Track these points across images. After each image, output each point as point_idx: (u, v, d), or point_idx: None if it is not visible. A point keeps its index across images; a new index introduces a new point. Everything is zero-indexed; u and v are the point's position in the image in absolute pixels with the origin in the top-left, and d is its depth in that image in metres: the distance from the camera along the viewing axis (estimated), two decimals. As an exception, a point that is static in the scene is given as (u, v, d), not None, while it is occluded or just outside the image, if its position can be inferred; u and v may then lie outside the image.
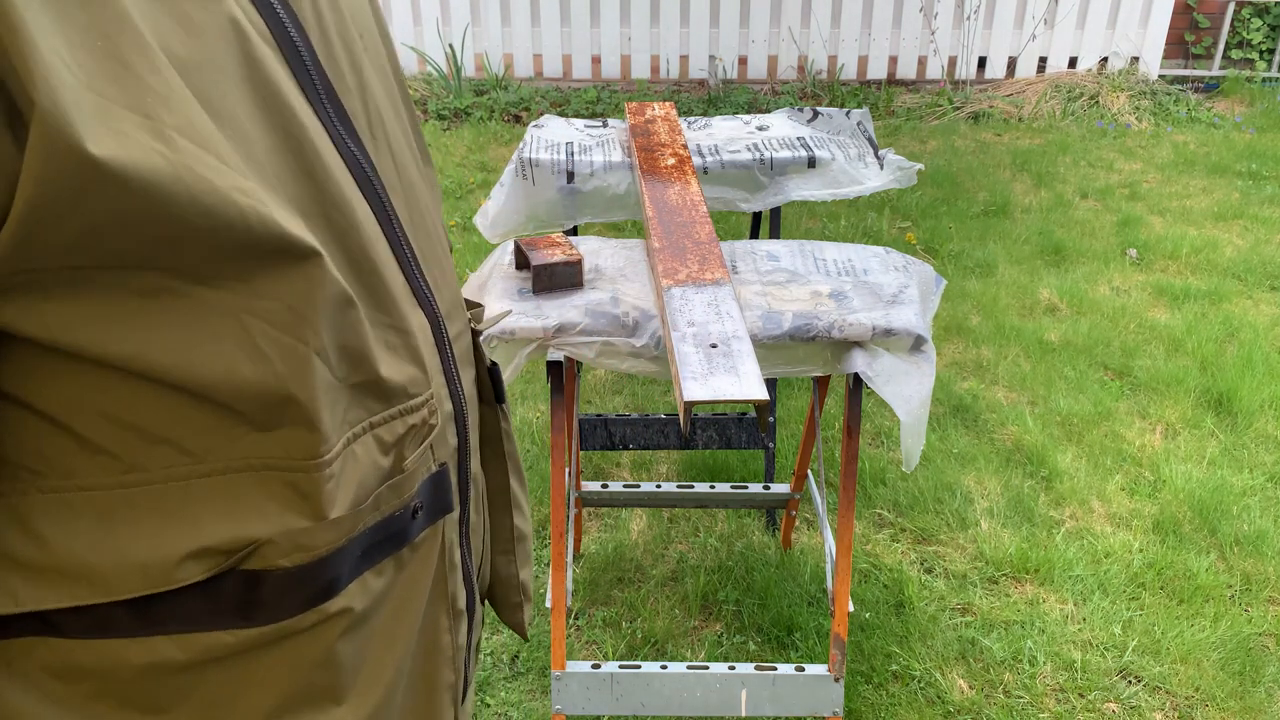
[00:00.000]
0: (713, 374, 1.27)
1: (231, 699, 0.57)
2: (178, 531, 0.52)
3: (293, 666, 0.58)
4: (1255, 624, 2.16)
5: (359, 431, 0.58)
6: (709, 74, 5.89)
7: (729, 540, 2.42)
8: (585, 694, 1.72)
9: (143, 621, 0.53)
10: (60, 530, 0.51)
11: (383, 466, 0.60)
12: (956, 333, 3.34)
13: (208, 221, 0.47)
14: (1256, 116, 5.50)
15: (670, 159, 1.89)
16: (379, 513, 0.60)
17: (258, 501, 0.54)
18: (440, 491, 0.65)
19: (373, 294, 0.58)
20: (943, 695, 1.98)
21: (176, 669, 0.55)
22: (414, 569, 0.64)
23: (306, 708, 0.59)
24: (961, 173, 4.72)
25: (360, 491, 0.58)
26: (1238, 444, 2.77)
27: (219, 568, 0.53)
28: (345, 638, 0.59)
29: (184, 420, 0.51)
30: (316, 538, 0.56)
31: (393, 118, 0.65)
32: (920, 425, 1.55)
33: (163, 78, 0.47)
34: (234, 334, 0.50)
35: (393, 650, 0.63)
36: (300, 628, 0.57)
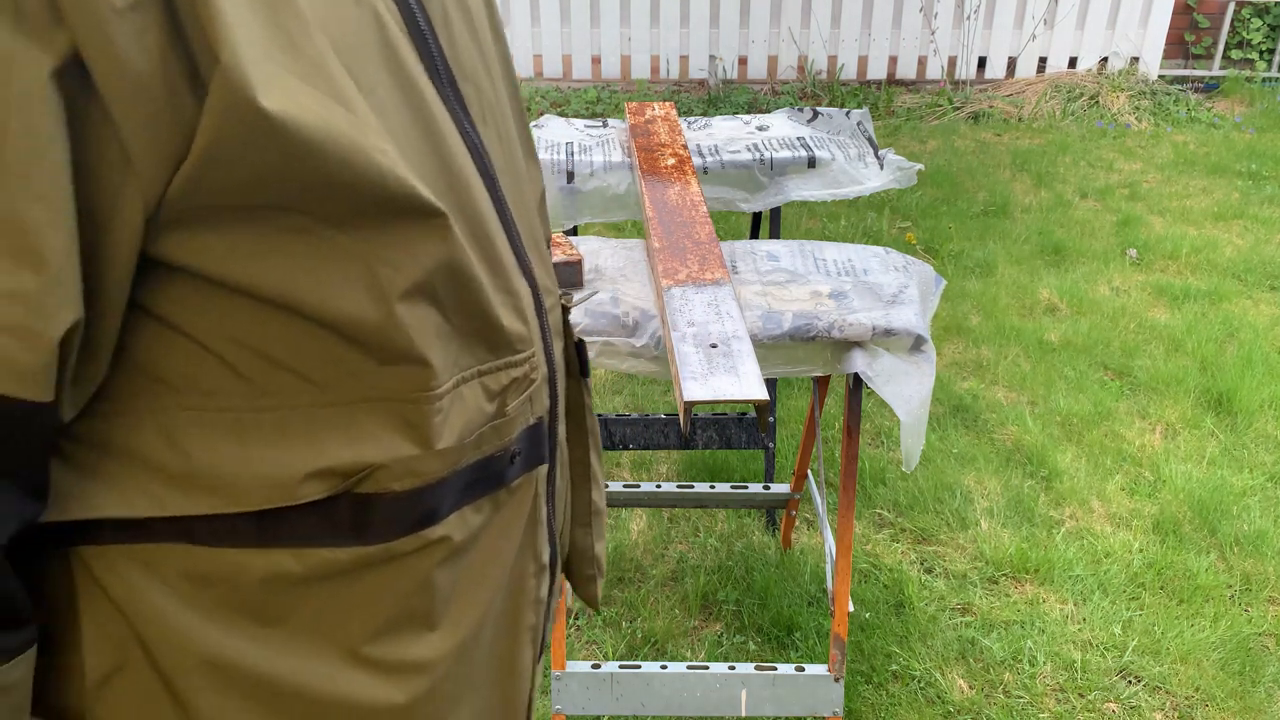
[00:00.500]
0: (713, 374, 1.27)
1: (338, 616, 0.62)
2: (302, 452, 0.58)
3: (394, 589, 0.63)
4: (1255, 624, 2.16)
5: (468, 376, 0.64)
6: (709, 74, 5.89)
7: (729, 540, 2.42)
8: (585, 694, 1.72)
9: (266, 534, 0.58)
10: (201, 445, 0.56)
11: (487, 411, 0.65)
12: (956, 333, 3.34)
13: (351, 176, 0.53)
14: (1256, 116, 5.50)
15: (670, 159, 1.89)
16: (480, 451, 0.65)
17: (374, 429, 0.59)
18: (536, 442, 0.71)
19: (488, 258, 0.64)
20: (943, 695, 1.98)
21: (293, 582, 0.60)
22: (509, 512, 0.69)
23: (404, 629, 0.64)
24: (961, 173, 4.72)
25: (465, 430, 0.63)
26: (1238, 444, 2.77)
27: (337, 488, 0.59)
28: (443, 566, 0.64)
29: (312, 352, 0.57)
30: (424, 465, 0.61)
31: (503, 111, 0.70)
32: (920, 425, 1.55)
33: (318, 50, 0.52)
34: (363, 277, 0.56)
35: (484, 585, 0.68)
36: (403, 551, 0.62)
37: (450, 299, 0.60)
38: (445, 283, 0.60)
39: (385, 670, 0.64)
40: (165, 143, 0.49)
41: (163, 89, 0.48)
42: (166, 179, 0.50)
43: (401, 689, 0.64)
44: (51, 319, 0.48)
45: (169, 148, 0.49)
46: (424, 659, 0.65)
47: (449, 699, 0.68)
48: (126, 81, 0.47)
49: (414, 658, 0.65)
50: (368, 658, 0.63)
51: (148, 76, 0.47)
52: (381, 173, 0.54)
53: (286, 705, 0.61)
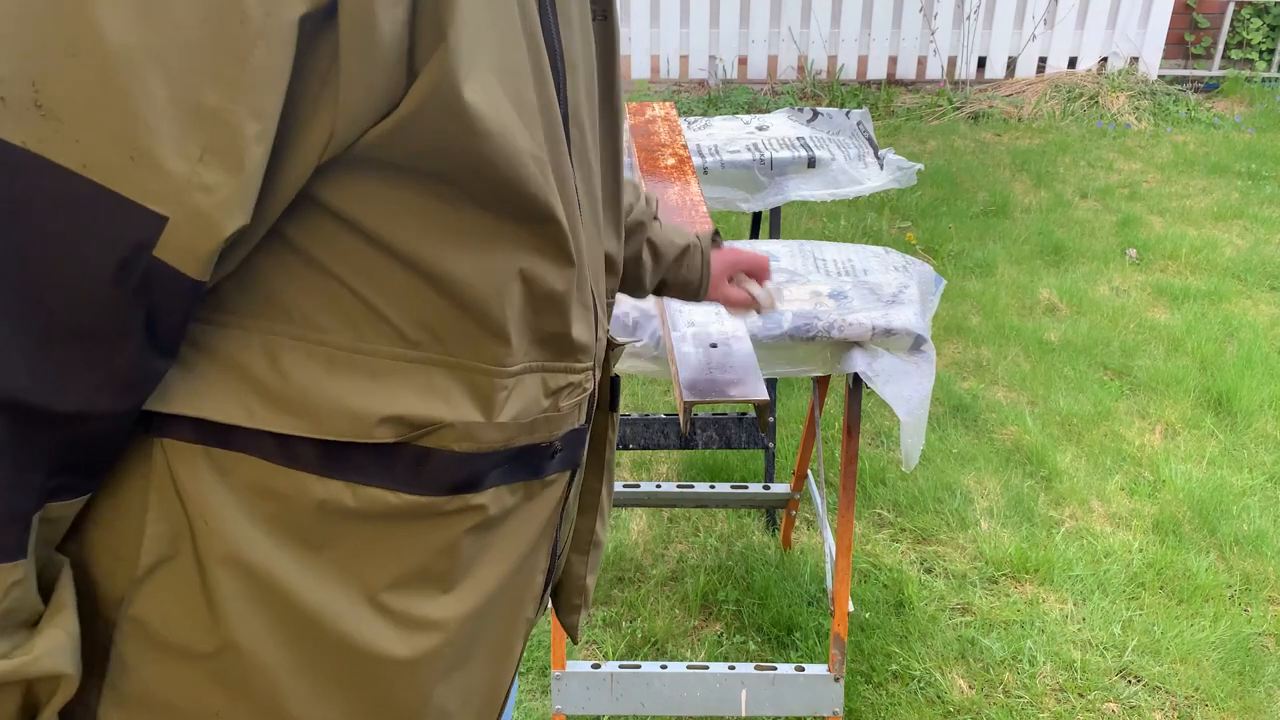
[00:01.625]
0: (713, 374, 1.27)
1: (370, 555, 0.67)
2: (383, 397, 0.63)
3: (425, 543, 0.68)
4: (1255, 624, 2.16)
5: (533, 368, 0.70)
6: (709, 74, 5.89)
7: (729, 540, 2.42)
8: (585, 694, 1.72)
9: (334, 464, 0.64)
10: (299, 371, 0.62)
11: (542, 404, 0.71)
12: (956, 333, 3.34)
13: (505, 172, 0.60)
14: (1256, 116, 5.50)
15: (670, 159, 1.89)
16: (531, 436, 0.71)
17: (448, 391, 0.65)
18: (575, 446, 0.76)
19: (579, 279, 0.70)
20: (942, 695, 1.98)
21: (344, 514, 0.65)
22: (538, 505, 0.74)
23: (422, 586, 0.69)
24: (961, 173, 4.72)
25: (522, 413, 0.69)
26: (1237, 444, 2.77)
27: (404, 436, 0.64)
28: (471, 534, 0.69)
29: (417, 311, 0.63)
30: (482, 433, 0.67)
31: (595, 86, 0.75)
32: (920, 425, 1.55)
33: (519, 57, 0.60)
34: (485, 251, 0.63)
35: (502, 565, 0.73)
36: (445, 509, 0.67)
37: (540, 295, 0.67)
38: (542, 279, 0.66)
39: (396, 621, 0.67)
40: (371, 101, 0.55)
41: (391, 55, 0.54)
42: (359, 132, 0.56)
43: (406, 643, 0.68)
44: (231, 216, 0.53)
45: (372, 106, 0.55)
46: (433, 619, 0.69)
47: (447, 667, 0.71)
48: (368, 42, 0.53)
49: (424, 615, 0.69)
50: (384, 604, 0.67)
51: (386, 41, 0.54)
52: (527, 178, 0.62)
53: (302, 630, 0.65)
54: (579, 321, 0.72)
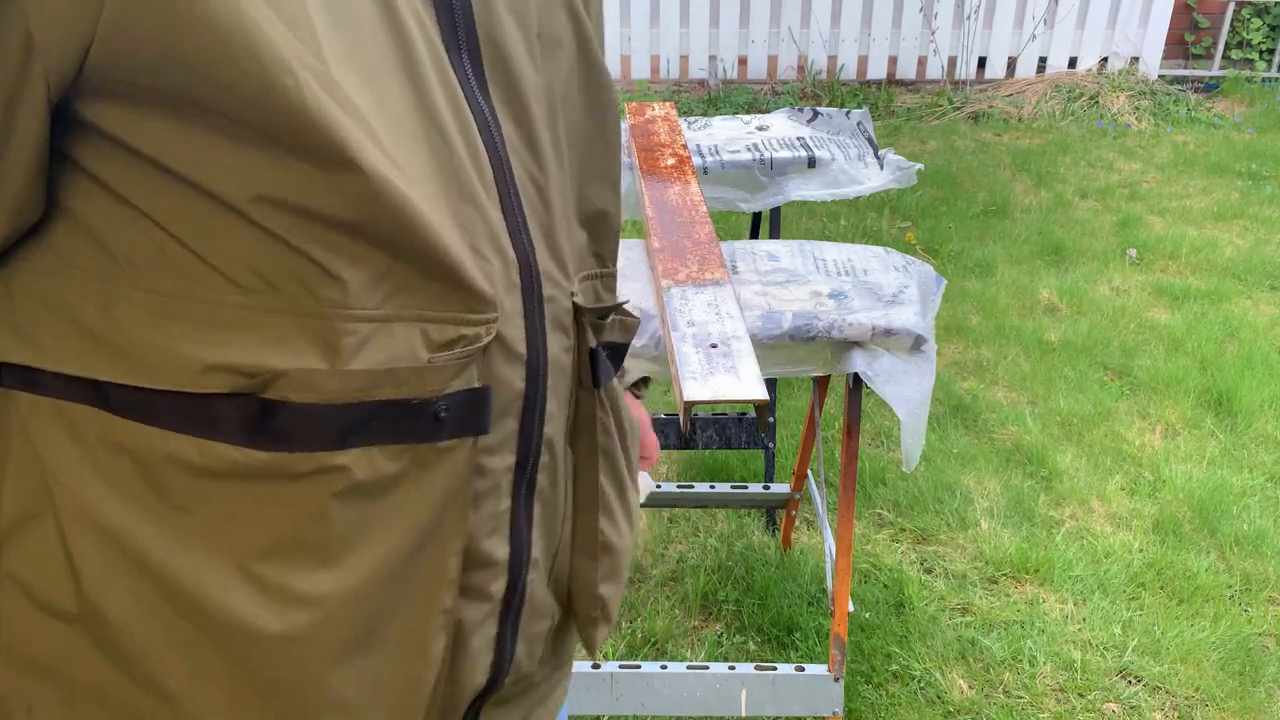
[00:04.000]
0: (713, 374, 1.27)
1: (236, 519, 0.63)
2: (212, 345, 0.60)
3: (290, 508, 0.63)
4: (1255, 624, 2.16)
5: (406, 316, 0.64)
6: (709, 74, 5.89)
7: (729, 540, 2.42)
8: (585, 694, 1.72)
9: (173, 417, 0.61)
10: (129, 317, 0.59)
11: (420, 357, 0.65)
12: (956, 333, 3.34)
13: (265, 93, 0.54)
14: (1256, 116, 5.50)
15: (670, 159, 1.89)
16: (397, 391, 0.64)
17: (286, 338, 0.61)
18: (475, 410, 0.68)
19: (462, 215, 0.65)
20: (943, 695, 1.98)
21: (193, 471, 0.62)
22: (435, 475, 0.67)
23: (296, 556, 0.64)
24: (961, 173, 4.72)
25: (384, 363, 0.63)
26: (1238, 444, 2.77)
27: (239, 387, 0.61)
28: (342, 501, 0.64)
29: (238, 255, 0.59)
30: (325, 382, 0.62)
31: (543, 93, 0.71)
32: (920, 425, 1.55)
33: None
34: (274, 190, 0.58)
35: (391, 542, 0.66)
36: (299, 469, 0.63)
37: (389, 235, 0.61)
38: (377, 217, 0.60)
39: (269, 594, 0.64)
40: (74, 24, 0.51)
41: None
42: (78, 60, 0.52)
43: (279, 618, 0.64)
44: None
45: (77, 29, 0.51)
46: (310, 594, 0.65)
47: (337, 650, 0.66)
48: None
49: (299, 589, 0.64)
50: (256, 575, 0.64)
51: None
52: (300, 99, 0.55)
53: (169, 599, 0.63)
54: (473, 266, 0.65)
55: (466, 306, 0.65)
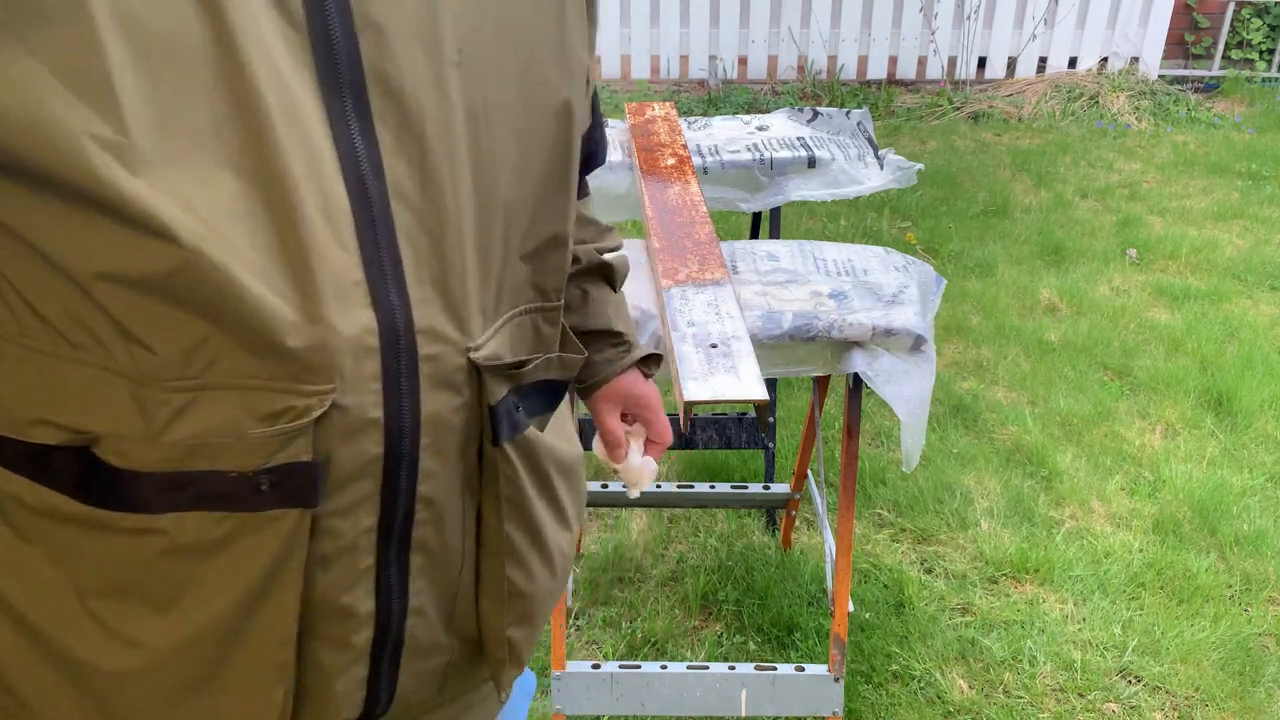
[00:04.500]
0: (713, 374, 1.27)
1: (75, 557, 0.65)
2: (40, 398, 0.61)
3: (120, 559, 0.65)
4: (1255, 624, 2.16)
5: (229, 385, 0.62)
6: (709, 74, 5.89)
7: (729, 540, 2.42)
8: (585, 694, 1.72)
9: (9, 458, 0.63)
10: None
11: (242, 427, 0.63)
12: (956, 333, 3.34)
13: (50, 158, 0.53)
14: (1256, 116, 5.50)
15: (670, 159, 1.89)
16: (214, 463, 0.63)
17: (107, 400, 0.61)
18: (302, 483, 0.65)
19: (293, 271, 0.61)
20: (943, 695, 1.98)
21: (31, 510, 0.64)
22: (263, 541, 0.65)
23: (130, 600, 0.66)
24: (961, 173, 4.72)
25: (202, 434, 0.62)
26: (1238, 444, 2.77)
27: (64, 441, 0.62)
28: (169, 558, 0.65)
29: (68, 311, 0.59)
30: (137, 451, 0.62)
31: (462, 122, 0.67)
32: (920, 425, 1.55)
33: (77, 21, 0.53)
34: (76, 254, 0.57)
35: (221, 600, 0.67)
36: (121, 526, 0.64)
37: (204, 305, 0.59)
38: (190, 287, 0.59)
39: (105, 631, 0.66)
40: None
41: None
42: None
43: (114, 658, 0.66)
44: None
45: None
46: (140, 639, 0.66)
47: (166, 692, 0.68)
48: None
49: (130, 633, 0.66)
50: (93, 611, 0.66)
51: None
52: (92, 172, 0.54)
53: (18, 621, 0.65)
54: (296, 333, 0.61)
55: (294, 377, 0.62)
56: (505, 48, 0.69)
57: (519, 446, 0.77)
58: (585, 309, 1.01)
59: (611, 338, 1.02)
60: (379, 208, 0.63)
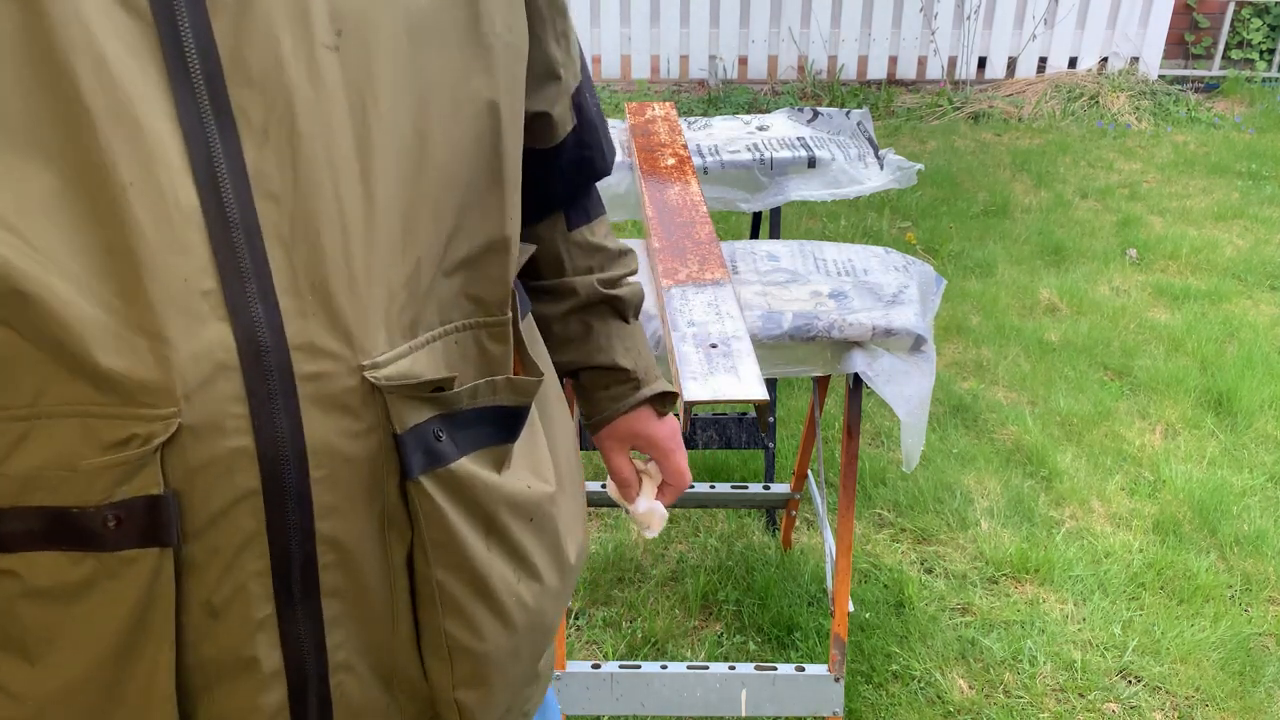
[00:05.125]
0: (713, 374, 1.27)
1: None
2: None
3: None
4: (1255, 624, 2.16)
5: (65, 412, 0.57)
6: (709, 74, 5.89)
7: (729, 540, 2.42)
8: (585, 694, 1.72)
9: None
10: None
11: (87, 460, 0.58)
12: (956, 333, 3.34)
13: None
14: (1256, 116, 5.50)
15: (670, 159, 1.89)
16: (53, 497, 0.59)
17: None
18: (154, 519, 0.60)
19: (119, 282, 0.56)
20: (943, 695, 1.98)
21: None
22: (124, 584, 0.61)
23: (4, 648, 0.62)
24: (961, 173, 4.72)
25: (42, 466, 0.58)
26: (1238, 444, 2.77)
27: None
28: (30, 602, 0.61)
29: None
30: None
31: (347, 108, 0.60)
32: (920, 425, 1.55)
33: None
34: None
35: (89, 649, 0.62)
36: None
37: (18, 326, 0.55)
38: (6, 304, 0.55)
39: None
40: None
41: None
42: None
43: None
44: None
45: None
46: (16, 691, 0.63)
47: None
48: None
49: (7, 684, 0.63)
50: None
51: None
52: None
53: None
54: (122, 352, 0.56)
55: (129, 400, 0.57)
56: (395, 31, 0.62)
57: (444, 482, 0.68)
58: (587, 343, 0.95)
59: (618, 374, 0.95)
60: (239, 208, 0.57)
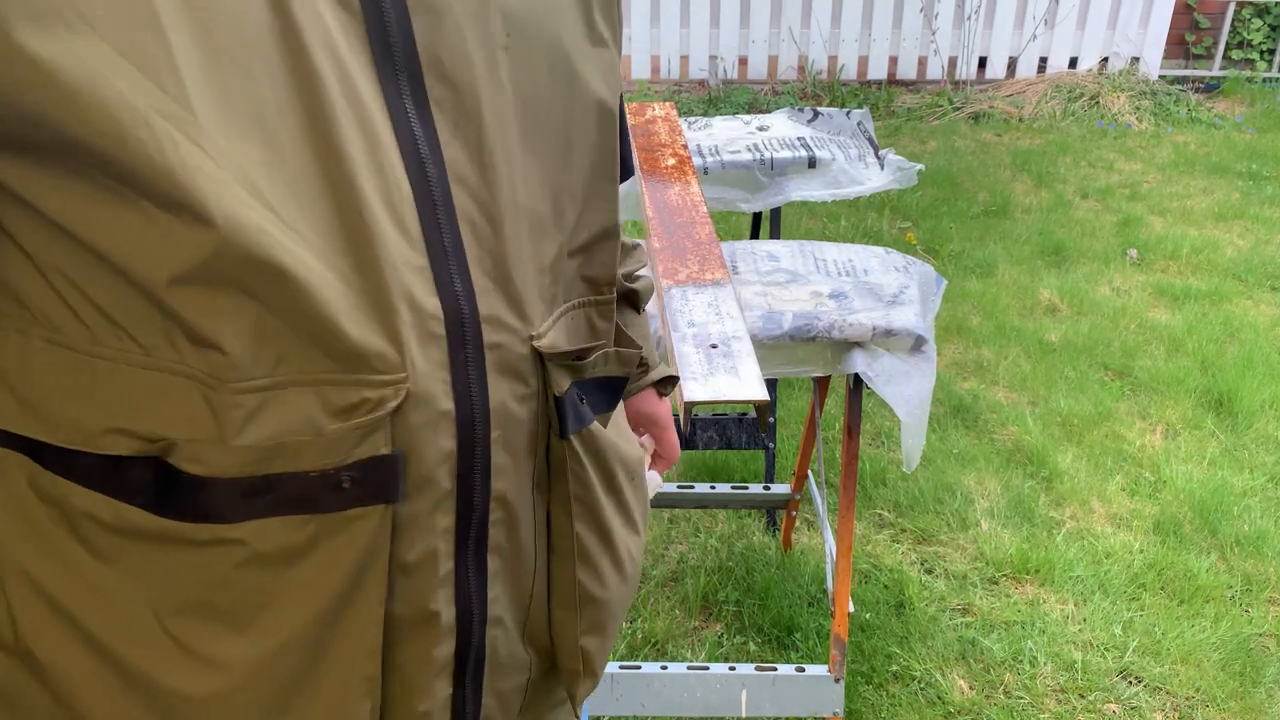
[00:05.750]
0: (713, 374, 1.27)
1: (152, 576, 0.62)
2: (113, 406, 0.58)
3: (197, 573, 0.62)
4: (1255, 624, 2.16)
5: (302, 381, 0.59)
6: (709, 74, 5.89)
7: (729, 541, 2.42)
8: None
9: (84, 475, 0.60)
10: (42, 372, 0.58)
11: (318, 424, 0.60)
12: (957, 333, 3.34)
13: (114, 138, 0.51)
14: (1257, 117, 5.50)
15: (670, 159, 1.89)
16: (296, 464, 0.60)
17: (181, 404, 0.58)
18: (383, 478, 0.63)
19: (358, 257, 0.59)
20: (943, 696, 1.98)
21: (108, 529, 0.61)
22: (344, 545, 0.63)
23: (208, 619, 0.63)
24: (962, 173, 4.72)
25: (279, 435, 0.60)
26: (1238, 444, 2.77)
27: (138, 451, 0.59)
28: (247, 570, 0.62)
29: (134, 312, 0.56)
30: (213, 456, 0.59)
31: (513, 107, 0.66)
32: (920, 425, 1.55)
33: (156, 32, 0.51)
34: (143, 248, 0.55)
35: (303, 612, 0.63)
36: (198, 539, 0.61)
37: (266, 297, 0.57)
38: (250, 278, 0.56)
39: (185, 654, 0.63)
40: None
41: None
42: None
43: (194, 681, 0.63)
44: None
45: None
46: (221, 658, 0.63)
47: (244, 716, 0.65)
48: None
49: (211, 653, 0.63)
50: (173, 632, 0.62)
51: None
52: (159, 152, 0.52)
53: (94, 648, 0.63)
54: (362, 322, 0.59)
55: (365, 367, 0.60)
56: (542, 34, 0.68)
57: (585, 442, 0.74)
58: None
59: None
60: (439, 192, 0.62)
